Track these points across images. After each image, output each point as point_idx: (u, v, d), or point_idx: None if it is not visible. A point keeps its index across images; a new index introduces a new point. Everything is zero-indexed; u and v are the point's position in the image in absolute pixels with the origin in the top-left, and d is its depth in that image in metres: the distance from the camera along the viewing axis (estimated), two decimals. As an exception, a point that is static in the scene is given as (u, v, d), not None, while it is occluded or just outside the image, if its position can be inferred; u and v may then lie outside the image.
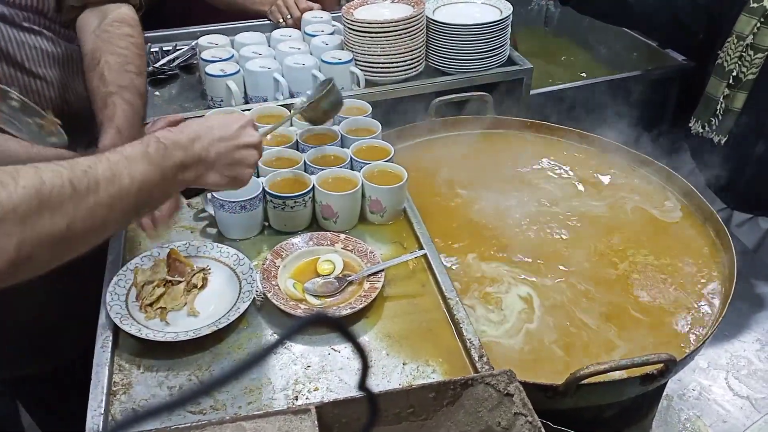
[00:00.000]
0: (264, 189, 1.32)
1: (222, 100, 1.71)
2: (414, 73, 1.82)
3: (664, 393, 1.33)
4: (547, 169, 1.69)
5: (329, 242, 1.29)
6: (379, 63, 1.77)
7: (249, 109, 1.57)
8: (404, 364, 1.09)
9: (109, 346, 1.09)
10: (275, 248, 1.27)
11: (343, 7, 1.83)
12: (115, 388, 1.05)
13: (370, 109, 1.58)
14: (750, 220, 1.98)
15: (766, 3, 1.77)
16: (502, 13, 1.86)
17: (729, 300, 1.26)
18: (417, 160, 1.68)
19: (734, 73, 1.84)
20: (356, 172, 1.37)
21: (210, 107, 1.70)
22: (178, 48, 1.99)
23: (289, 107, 1.59)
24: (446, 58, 1.83)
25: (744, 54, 1.81)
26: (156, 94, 1.84)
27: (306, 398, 1.03)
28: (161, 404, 0.48)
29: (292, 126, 1.53)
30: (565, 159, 1.72)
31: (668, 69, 2.35)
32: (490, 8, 1.90)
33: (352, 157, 1.41)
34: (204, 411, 1.01)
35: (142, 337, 1.09)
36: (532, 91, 1.98)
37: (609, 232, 1.49)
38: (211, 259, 1.25)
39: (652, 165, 1.65)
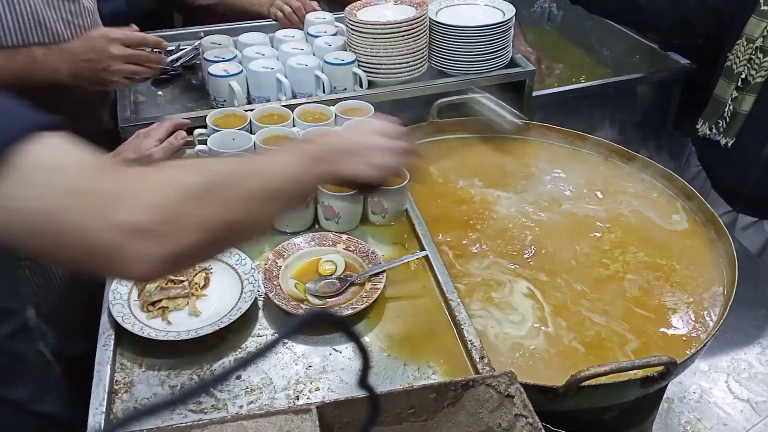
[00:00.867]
0: (266, 189, 1.32)
1: (225, 101, 1.71)
2: (416, 75, 1.83)
3: (665, 395, 1.32)
4: (548, 170, 1.69)
5: (331, 243, 1.30)
6: (382, 64, 1.77)
7: (252, 110, 1.57)
8: (405, 365, 1.10)
9: (111, 344, 1.10)
10: (277, 248, 1.27)
11: (346, 8, 1.83)
12: (116, 387, 1.05)
13: (373, 110, 1.59)
14: (755, 223, 1.97)
15: None
16: (504, 15, 1.86)
17: (730, 303, 1.26)
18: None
19: (743, 76, 1.83)
20: (358, 173, 1.37)
21: (213, 107, 1.70)
22: (182, 48, 1.99)
23: (292, 108, 1.59)
24: (449, 60, 1.83)
25: (753, 57, 1.80)
26: (159, 93, 1.84)
27: (307, 398, 1.04)
28: (161, 401, 0.49)
29: (294, 126, 1.54)
30: (566, 161, 1.72)
31: (671, 71, 2.35)
32: (493, 10, 1.90)
33: (354, 158, 1.41)
34: (205, 410, 1.01)
35: (144, 336, 1.10)
36: (535, 93, 1.98)
37: (608, 234, 1.49)
38: (213, 259, 1.26)
39: (654, 167, 1.65)
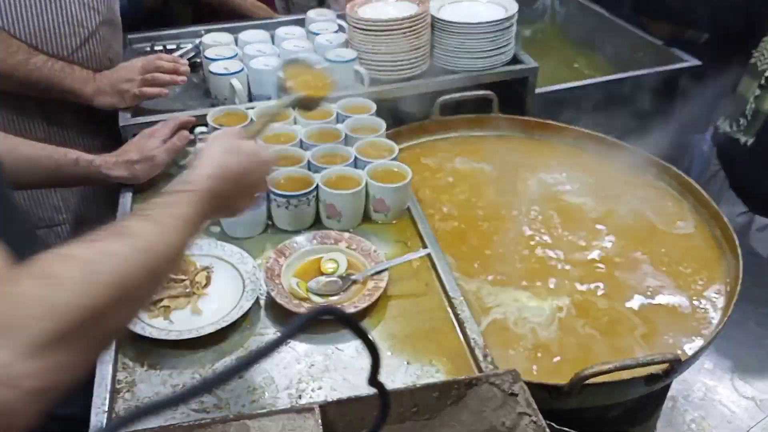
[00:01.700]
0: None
1: (226, 99, 1.71)
2: (418, 72, 1.82)
3: (669, 393, 1.32)
4: (551, 168, 1.68)
5: (333, 241, 1.29)
6: (384, 61, 1.77)
7: (253, 108, 1.57)
8: (408, 364, 1.09)
9: (112, 344, 1.09)
10: (279, 247, 1.27)
11: (348, 5, 1.83)
12: (118, 386, 1.05)
13: (375, 108, 1.58)
14: None
15: None
16: (507, 11, 1.85)
17: (734, 300, 1.25)
18: (421, 159, 1.68)
19: (767, 74, 1.81)
20: (360, 171, 1.37)
21: (214, 105, 1.69)
22: (182, 46, 1.98)
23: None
24: (451, 57, 1.83)
25: None
26: (160, 92, 1.83)
27: (310, 397, 1.03)
28: (163, 400, 0.48)
29: (296, 124, 1.53)
30: (568, 158, 1.71)
31: (675, 68, 2.34)
32: (496, 6, 1.90)
33: (356, 156, 1.41)
34: (207, 409, 1.01)
35: (146, 335, 1.10)
36: (537, 90, 1.97)
37: (612, 232, 1.48)
38: (215, 258, 1.25)
39: (657, 164, 1.64)
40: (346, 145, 1.45)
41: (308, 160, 1.39)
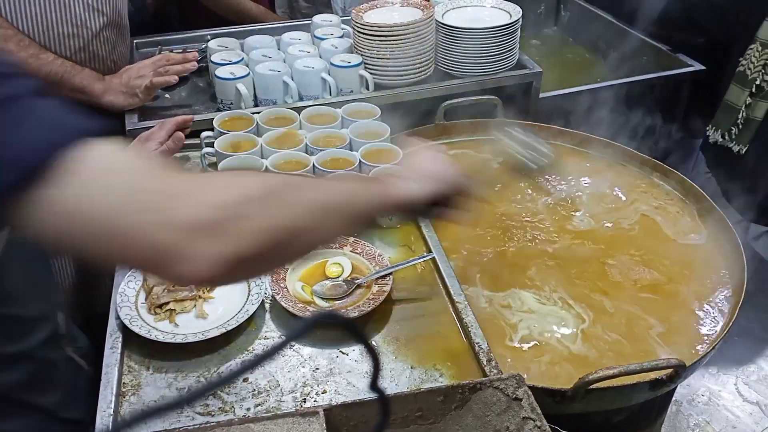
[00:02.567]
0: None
1: (231, 103, 1.72)
2: (423, 77, 1.82)
3: (674, 398, 1.32)
4: (556, 173, 1.68)
5: (338, 245, 1.29)
6: (389, 66, 1.77)
7: (258, 112, 1.58)
8: (412, 368, 1.09)
9: (118, 347, 1.10)
10: (284, 251, 1.27)
11: (353, 11, 1.83)
12: (124, 389, 1.05)
13: (379, 113, 1.59)
14: (766, 233, 1.94)
15: None
16: (511, 16, 1.86)
17: (739, 306, 1.25)
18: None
19: (757, 82, 1.78)
20: (365, 175, 1.37)
21: (220, 110, 1.70)
22: (188, 51, 1.99)
23: (299, 110, 1.59)
24: (455, 62, 1.83)
25: None
26: (166, 96, 1.84)
27: (314, 401, 1.03)
28: (168, 403, 0.48)
29: (301, 129, 1.54)
30: (573, 162, 1.71)
31: (679, 73, 2.33)
32: (500, 12, 1.90)
33: (361, 161, 1.42)
34: (212, 412, 1.01)
35: (152, 338, 1.10)
36: (542, 95, 1.97)
37: (617, 236, 1.48)
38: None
39: (661, 169, 1.64)
40: (351, 150, 1.46)
41: (313, 165, 1.40)
